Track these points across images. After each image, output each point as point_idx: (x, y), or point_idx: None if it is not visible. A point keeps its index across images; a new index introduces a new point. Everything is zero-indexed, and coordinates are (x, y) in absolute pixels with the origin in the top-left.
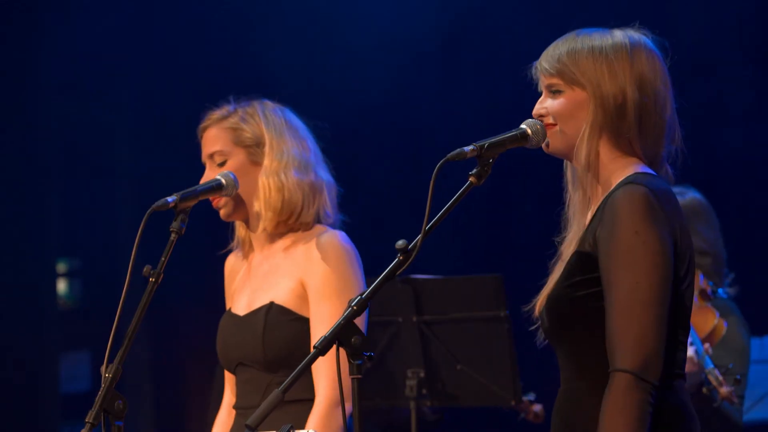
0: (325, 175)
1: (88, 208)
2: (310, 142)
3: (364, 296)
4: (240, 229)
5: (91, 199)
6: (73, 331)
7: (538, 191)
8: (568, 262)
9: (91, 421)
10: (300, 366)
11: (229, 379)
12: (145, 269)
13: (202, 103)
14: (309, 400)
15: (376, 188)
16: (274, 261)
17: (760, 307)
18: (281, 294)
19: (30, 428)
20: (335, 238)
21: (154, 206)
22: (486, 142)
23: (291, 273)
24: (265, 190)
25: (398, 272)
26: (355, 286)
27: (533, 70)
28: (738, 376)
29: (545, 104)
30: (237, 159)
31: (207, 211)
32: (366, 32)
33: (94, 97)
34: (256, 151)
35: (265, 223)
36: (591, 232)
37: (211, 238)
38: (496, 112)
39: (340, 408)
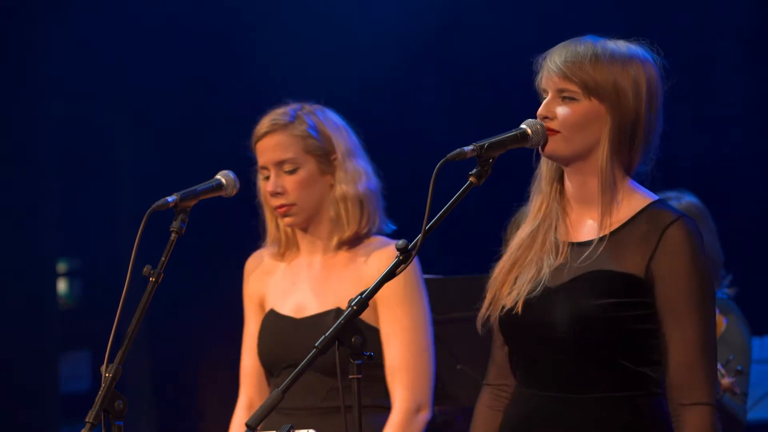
0: (378, 182)
1: (88, 207)
2: (359, 142)
3: (364, 296)
4: (283, 229)
5: (91, 199)
6: (73, 330)
7: None
8: (590, 278)
9: (91, 421)
10: (299, 367)
11: (250, 381)
12: (145, 269)
13: (202, 102)
14: (367, 407)
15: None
16: (336, 268)
17: (759, 307)
18: (347, 300)
19: (30, 428)
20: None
21: (154, 206)
22: (486, 142)
23: (357, 280)
24: (347, 203)
25: (398, 272)
26: (422, 293)
27: (538, 64)
28: (739, 367)
29: (554, 109)
30: (308, 168)
31: (207, 211)
32: (364, 31)
33: (94, 96)
34: (325, 160)
35: (343, 234)
36: (636, 257)
37: (211, 238)
38: (496, 111)
39: (418, 416)
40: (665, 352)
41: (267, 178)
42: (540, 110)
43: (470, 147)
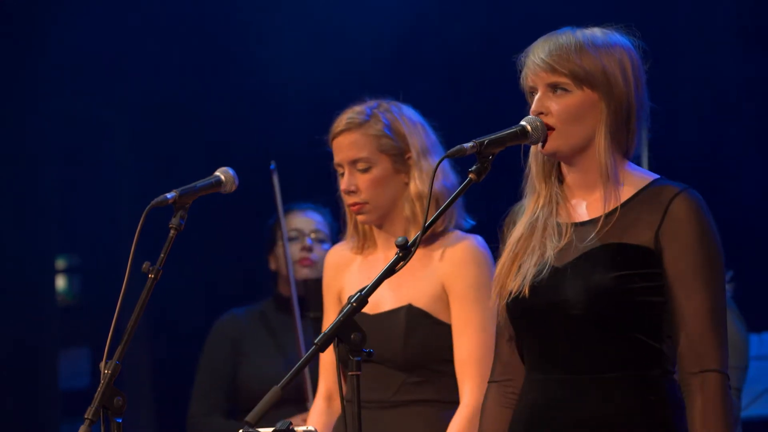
0: (456, 179)
1: (87, 204)
2: (439, 144)
3: (363, 293)
4: (358, 227)
5: (90, 196)
6: (72, 327)
7: None
8: (602, 251)
9: (90, 417)
10: (299, 363)
11: (329, 371)
12: (144, 265)
13: (202, 99)
14: (437, 402)
15: None
16: (409, 264)
17: (758, 304)
18: (420, 297)
19: (29, 424)
20: (476, 244)
21: (153, 202)
22: (485, 139)
23: (430, 277)
24: (421, 200)
25: (398, 268)
26: (484, 284)
27: (521, 63)
28: None
29: (548, 104)
30: (382, 167)
31: (207, 208)
32: (363, 30)
33: (93, 93)
34: (400, 159)
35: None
36: (644, 229)
37: (211, 235)
38: (495, 111)
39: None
40: (674, 322)
41: (342, 175)
42: (533, 107)
43: (470, 144)
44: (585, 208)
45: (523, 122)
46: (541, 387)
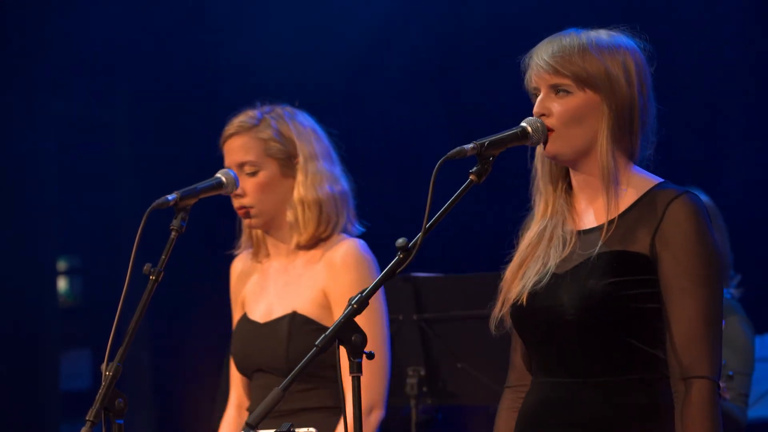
0: (347, 184)
1: (88, 205)
2: (332, 150)
3: (364, 294)
4: (253, 233)
5: (91, 197)
6: (73, 329)
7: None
8: (599, 260)
9: (91, 419)
10: (300, 364)
11: (238, 380)
12: (145, 267)
13: (202, 100)
14: (323, 408)
15: (375, 186)
16: (295, 271)
17: (760, 305)
18: (303, 304)
19: (30, 426)
20: (355, 247)
21: (154, 204)
22: (486, 140)
23: (312, 283)
24: (303, 206)
25: (399, 270)
26: (377, 295)
27: (525, 64)
28: (731, 372)
29: (549, 105)
30: (269, 170)
31: (208, 209)
32: (363, 30)
33: (94, 94)
34: (288, 164)
35: (300, 237)
36: (641, 235)
37: (211, 237)
38: (496, 110)
39: (370, 417)
40: (667, 327)
41: None
42: (535, 108)
43: (470, 145)
44: (590, 215)
45: (523, 123)
46: (540, 389)
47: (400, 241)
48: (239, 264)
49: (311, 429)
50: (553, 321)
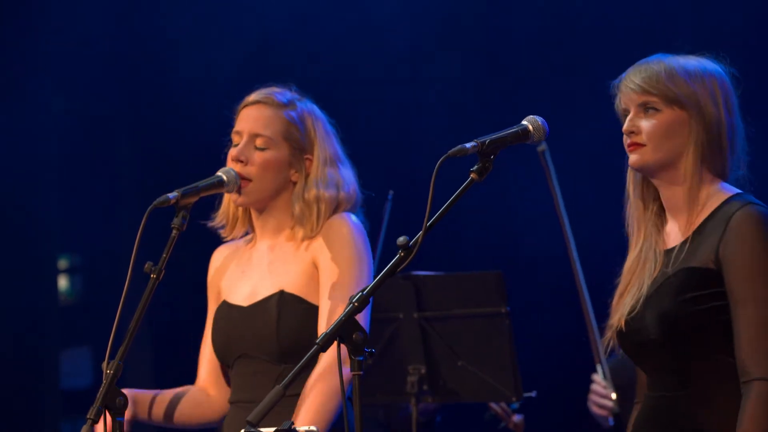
0: (352, 187)
1: (88, 203)
2: (342, 150)
3: (365, 292)
4: (232, 208)
5: (92, 195)
6: (74, 327)
7: (539, 188)
8: (675, 278)
9: (92, 417)
10: (302, 361)
11: (207, 367)
12: (146, 265)
13: (202, 99)
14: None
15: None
16: (281, 249)
17: None
18: (291, 281)
19: (31, 424)
20: (347, 218)
21: (155, 203)
22: (487, 139)
23: (302, 257)
24: (305, 204)
25: (399, 268)
26: (367, 258)
27: (615, 88)
28: None
29: (638, 124)
30: (279, 153)
31: (208, 208)
32: (363, 29)
33: (94, 92)
34: (298, 156)
35: (297, 232)
36: (707, 249)
37: (211, 237)
38: (495, 109)
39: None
40: (734, 334)
41: (237, 145)
42: (625, 126)
43: (471, 143)
44: (674, 233)
45: (524, 122)
46: (646, 403)
47: (401, 239)
48: (218, 256)
49: (312, 428)
50: (642, 342)
